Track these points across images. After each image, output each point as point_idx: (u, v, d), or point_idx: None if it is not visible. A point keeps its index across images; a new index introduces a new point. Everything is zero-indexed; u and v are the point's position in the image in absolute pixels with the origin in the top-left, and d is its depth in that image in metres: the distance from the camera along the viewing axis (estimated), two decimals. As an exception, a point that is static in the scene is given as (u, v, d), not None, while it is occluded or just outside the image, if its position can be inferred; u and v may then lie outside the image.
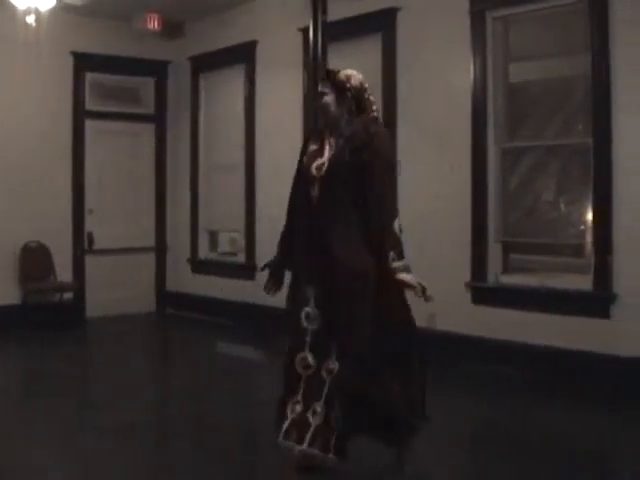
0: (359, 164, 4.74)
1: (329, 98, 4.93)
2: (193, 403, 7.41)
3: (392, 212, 4.71)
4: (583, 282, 7.69)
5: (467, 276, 8.42)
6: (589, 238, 7.77)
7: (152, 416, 7.03)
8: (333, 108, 4.91)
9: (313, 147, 5.02)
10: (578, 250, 8.28)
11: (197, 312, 11.82)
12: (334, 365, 4.67)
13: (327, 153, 4.90)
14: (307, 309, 4.83)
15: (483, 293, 8.38)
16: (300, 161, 5.10)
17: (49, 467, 5.43)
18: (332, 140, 4.91)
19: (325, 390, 4.66)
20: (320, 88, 5.00)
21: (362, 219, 4.73)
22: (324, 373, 4.70)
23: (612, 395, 7.06)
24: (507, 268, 8.47)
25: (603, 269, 7.44)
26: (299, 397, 4.74)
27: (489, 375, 7.87)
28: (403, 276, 4.58)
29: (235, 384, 7.99)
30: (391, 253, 4.60)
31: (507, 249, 8.48)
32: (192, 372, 8.70)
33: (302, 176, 5.03)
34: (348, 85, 4.92)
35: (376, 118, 5.01)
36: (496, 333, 8.14)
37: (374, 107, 4.99)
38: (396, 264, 4.60)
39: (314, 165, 4.92)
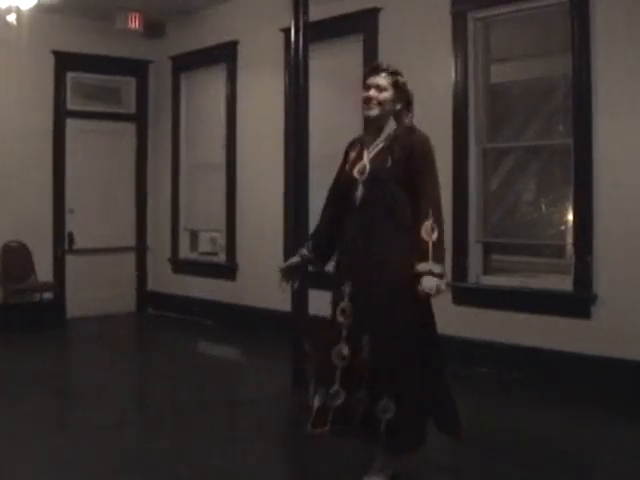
0: (403, 167, 4.75)
1: (388, 94, 4.89)
2: (174, 402, 7.36)
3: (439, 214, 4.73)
4: (563, 282, 7.68)
5: (448, 276, 8.37)
6: (569, 239, 7.78)
7: (133, 416, 6.97)
8: (389, 107, 4.90)
9: (352, 154, 5.03)
10: (559, 251, 8.30)
11: (178, 312, 11.76)
12: (367, 357, 4.69)
13: (366, 156, 4.90)
14: (342, 305, 4.80)
15: (464, 293, 8.35)
16: (341, 169, 5.08)
17: (31, 466, 5.38)
18: (372, 142, 4.94)
19: (364, 381, 4.69)
20: (378, 81, 4.91)
21: (405, 216, 4.75)
22: (358, 365, 4.70)
23: (592, 395, 7.05)
24: (488, 268, 8.44)
25: (583, 269, 7.43)
26: (337, 387, 4.74)
27: (469, 375, 7.84)
28: (424, 281, 4.56)
29: (216, 384, 7.94)
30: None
31: (488, 249, 8.45)
32: (173, 372, 8.64)
33: (344, 183, 4.98)
34: (405, 89, 4.94)
35: (414, 127, 4.99)
36: (477, 333, 8.13)
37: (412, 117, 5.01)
38: (420, 267, 4.58)
39: (356, 169, 4.90)
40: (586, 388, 7.18)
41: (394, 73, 4.94)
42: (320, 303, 7.60)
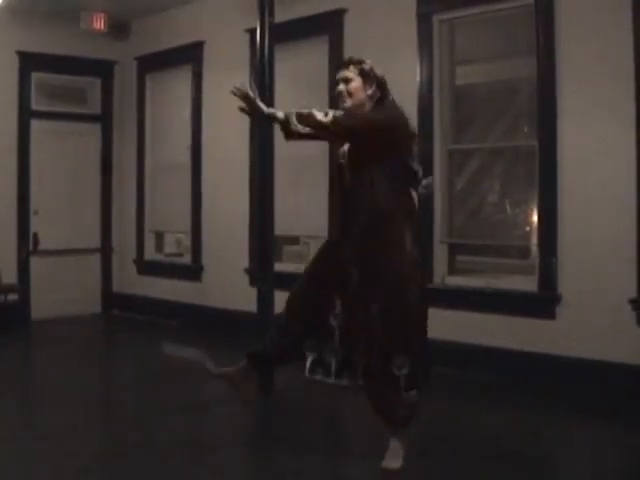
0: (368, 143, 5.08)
1: (356, 84, 5.15)
2: (138, 405, 7.28)
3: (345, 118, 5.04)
4: (528, 283, 7.66)
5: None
6: (534, 239, 7.76)
7: (99, 417, 6.85)
8: (360, 95, 5.15)
9: None
10: (523, 251, 8.30)
11: (143, 313, 11.65)
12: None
13: None
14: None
15: (429, 294, 8.30)
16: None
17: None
18: None
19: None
20: (345, 74, 5.17)
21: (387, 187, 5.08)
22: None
23: (557, 395, 7.04)
24: (453, 269, 8.41)
25: (548, 270, 7.41)
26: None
27: (435, 376, 7.81)
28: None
29: (182, 385, 7.85)
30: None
31: (453, 250, 8.43)
32: (137, 374, 8.55)
33: (335, 168, 5.41)
34: (373, 74, 5.18)
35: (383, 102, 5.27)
36: (442, 334, 8.08)
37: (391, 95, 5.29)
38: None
39: (340, 153, 5.28)
40: (551, 388, 7.17)
41: (358, 62, 5.18)
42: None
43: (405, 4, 8.42)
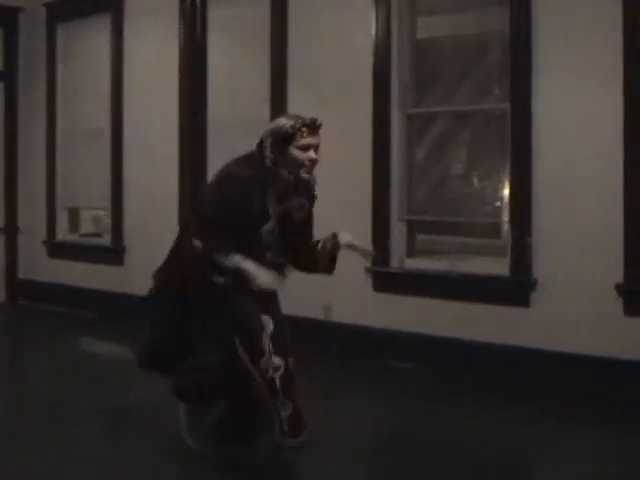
0: None
1: None
2: (49, 409, 7.18)
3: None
4: (499, 266, 7.70)
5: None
6: (506, 217, 7.81)
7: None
8: None
9: None
10: (494, 230, 8.36)
11: (55, 303, 11.51)
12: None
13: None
14: None
15: (385, 279, 8.32)
16: None
17: None
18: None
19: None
20: (318, 140, 5.52)
21: None
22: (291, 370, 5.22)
23: (531, 393, 7.08)
24: (413, 251, 8.45)
25: (522, 252, 7.44)
26: (281, 397, 5.12)
27: (392, 371, 7.85)
28: None
29: (98, 387, 7.74)
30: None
31: (413, 229, 8.46)
32: (47, 373, 8.45)
33: None
34: None
35: None
36: (400, 324, 8.11)
37: None
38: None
39: None
40: (524, 384, 7.22)
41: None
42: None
43: (358, -54, 8.39)
